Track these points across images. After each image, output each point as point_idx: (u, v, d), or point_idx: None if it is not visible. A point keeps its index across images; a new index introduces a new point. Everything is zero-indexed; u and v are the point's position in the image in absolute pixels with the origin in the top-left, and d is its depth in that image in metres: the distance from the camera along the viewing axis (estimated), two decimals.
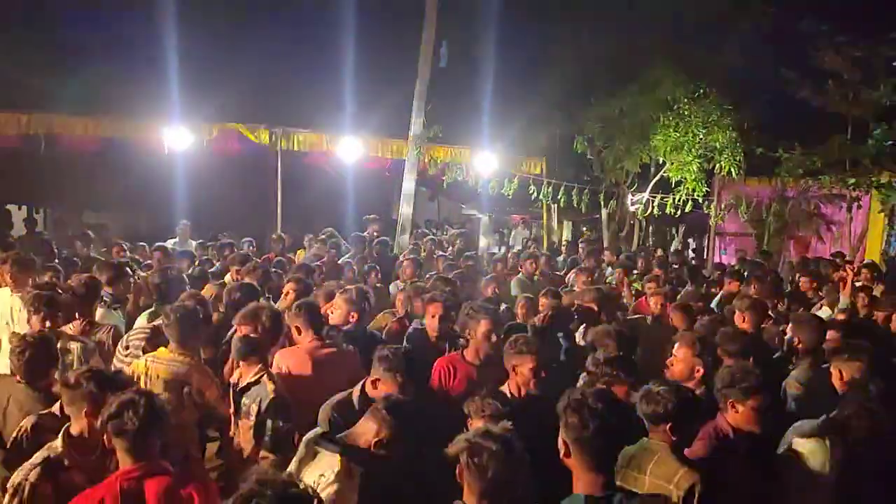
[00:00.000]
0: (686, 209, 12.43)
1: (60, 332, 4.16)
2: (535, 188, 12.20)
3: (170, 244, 9.88)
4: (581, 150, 13.36)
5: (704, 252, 14.75)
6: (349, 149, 11.43)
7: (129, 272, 5.75)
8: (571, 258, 11.07)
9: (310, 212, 12.98)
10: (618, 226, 14.61)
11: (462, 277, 7.43)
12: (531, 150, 13.43)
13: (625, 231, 14.63)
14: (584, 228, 15.67)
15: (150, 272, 6.42)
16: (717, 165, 12.19)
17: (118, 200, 13.43)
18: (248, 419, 3.54)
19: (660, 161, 12.65)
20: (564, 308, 5.20)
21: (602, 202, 12.80)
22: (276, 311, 4.04)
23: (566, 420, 2.45)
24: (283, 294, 5.26)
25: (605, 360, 3.51)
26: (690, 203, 12.37)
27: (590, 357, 3.67)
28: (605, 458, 2.45)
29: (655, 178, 13.05)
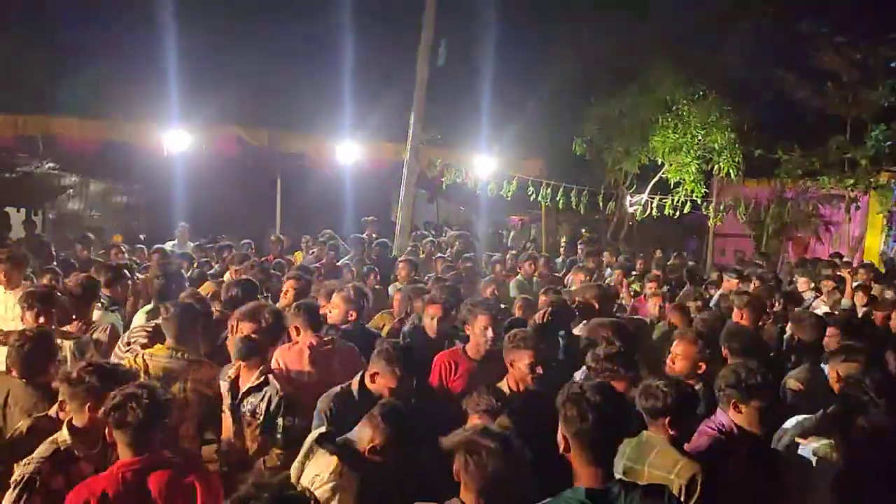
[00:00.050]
0: (685, 210, 12.43)
1: (53, 330, 4.11)
2: (534, 190, 12.20)
3: (168, 246, 9.88)
4: (580, 152, 13.37)
5: (703, 253, 14.74)
6: (347, 152, 11.43)
7: (128, 274, 5.71)
8: (570, 259, 11.06)
9: (308, 213, 12.99)
10: (616, 227, 14.62)
11: (457, 280, 7.42)
12: (530, 152, 13.42)
13: (623, 232, 14.63)
14: (584, 230, 15.64)
15: (150, 273, 6.41)
16: (716, 167, 12.19)
17: (117, 202, 13.44)
18: (255, 419, 3.53)
19: (659, 162, 12.65)
20: (564, 304, 5.18)
21: (601, 203, 12.79)
22: (277, 311, 4.02)
23: (565, 413, 2.43)
24: (283, 292, 5.24)
25: (606, 356, 3.49)
26: (689, 204, 12.36)
27: (589, 353, 3.62)
28: (605, 451, 2.43)
29: (654, 180, 13.05)
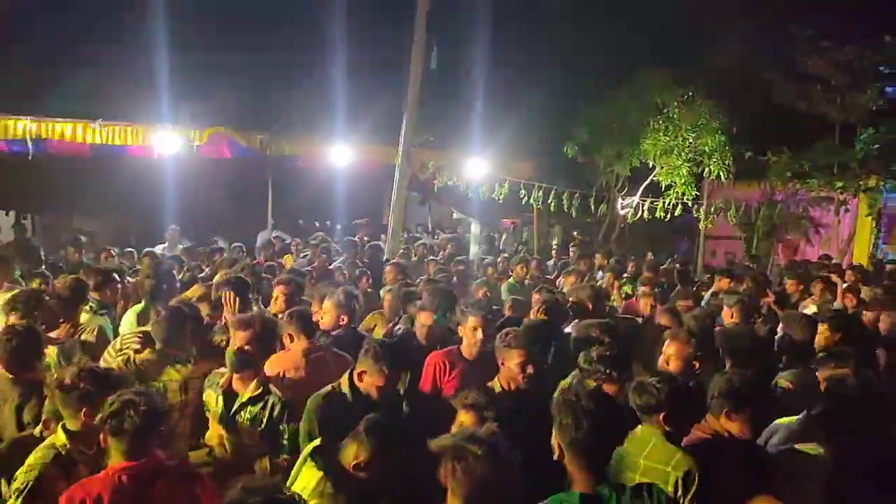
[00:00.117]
0: (676, 213, 12.48)
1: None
2: (526, 192, 12.21)
3: (159, 249, 9.83)
4: (572, 155, 13.41)
5: (694, 255, 14.81)
6: (339, 154, 11.42)
7: (117, 278, 5.66)
8: (562, 262, 11.08)
9: (300, 216, 12.98)
10: (608, 229, 14.65)
11: (448, 280, 7.43)
12: (522, 154, 13.45)
13: (615, 234, 14.67)
14: (576, 232, 15.68)
15: (140, 274, 6.38)
16: (707, 169, 12.24)
17: (107, 205, 13.36)
18: (256, 427, 3.49)
19: (650, 165, 12.70)
20: (558, 303, 5.18)
21: (593, 206, 12.83)
22: (271, 320, 3.95)
23: (560, 421, 2.43)
24: (273, 298, 5.18)
25: (598, 357, 3.46)
26: (680, 207, 12.42)
27: (582, 354, 3.57)
28: (599, 457, 2.44)
29: (646, 182, 13.10)
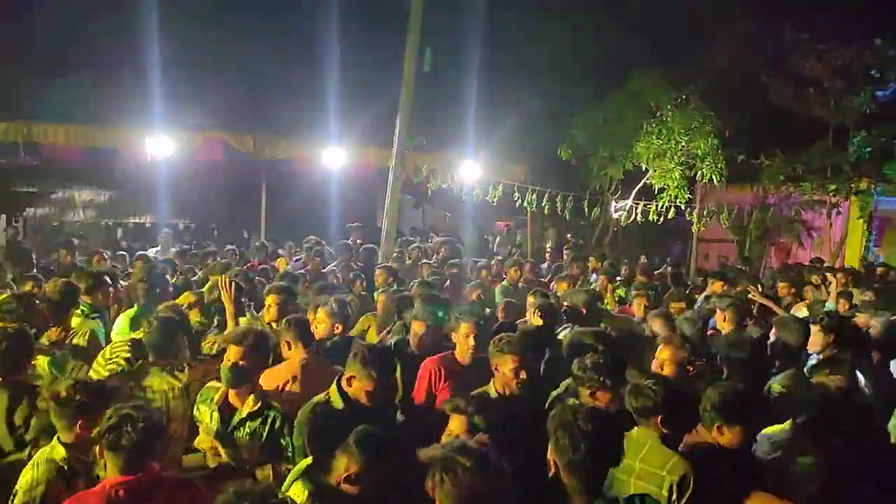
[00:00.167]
0: (669, 216, 12.52)
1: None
2: (520, 195, 12.23)
3: (152, 253, 9.80)
4: (566, 158, 13.43)
5: (687, 258, 14.85)
6: (333, 157, 11.41)
7: (109, 281, 5.62)
8: (556, 265, 11.08)
9: (293, 219, 12.95)
10: (601, 232, 14.69)
11: (441, 283, 7.44)
12: (516, 157, 13.47)
13: (608, 238, 14.71)
14: (569, 235, 15.70)
15: (133, 278, 6.35)
16: (699, 172, 12.28)
17: (100, 209, 13.33)
18: (256, 442, 3.45)
19: (643, 168, 12.73)
20: (553, 308, 5.17)
21: (586, 209, 12.86)
22: (264, 334, 3.87)
23: (557, 441, 2.42)
24: (266, 307, 5.10)
25: (592, 365, 3.39)
26: (673, 210, 12.46)
27: (575, 361, 3.50)
28: (595, 478, 2.43)
29: (639, 185, 13.13)
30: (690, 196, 12.68)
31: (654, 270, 10.35)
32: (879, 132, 12.78)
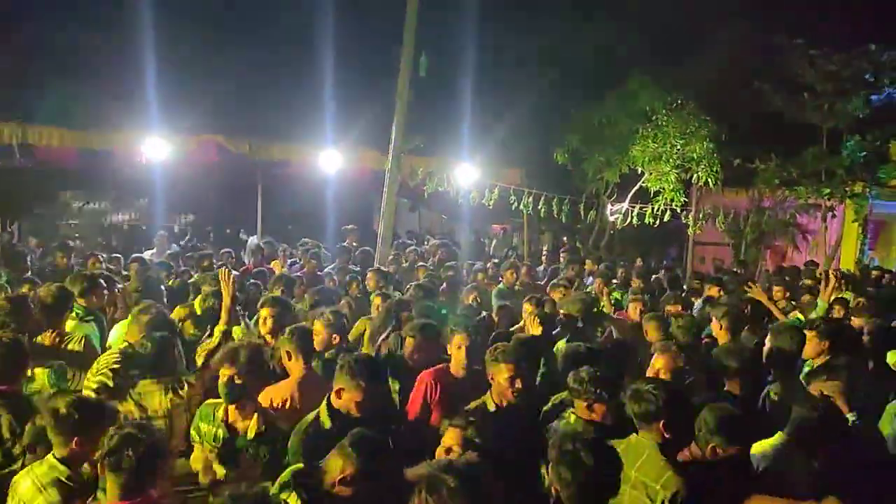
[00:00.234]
0: (665, 219, 12.54)
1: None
2: (516, 198, 12.24)
3: (147, 255, 9.77)
4: (562, 161, 13.44)
5: (683, 261, 14.88)
6: (329, 160, 11.40)
7: (103, 284, 5.60)
8: (552, 268, 11.09)
9: (289, 221, 12.94)
10: (597, 235, 14.70)
11: (437, 286, 7.45)
12: (512, 161, 13.47)
13: (604, 241, 14.72)
14: (565, 238, 15.71)
15: (129, 284, 6.33)
16: (695, 176, 12.31)
17: (95, 212, 13.30)
18: (258, 462, 3.42)
19: (639, 171, 12.75)
20: (550, 318, 5.17)
21: (582, 212, 12.87)
22: (256, 348, 3.74)
23: (558, 473, 2.41)
24: (261, 321, 5.01)
25: (589, 378, 3.33)
26: (669, 213, 12.48)
27: (571, 374, 3.44)
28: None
29: (635, 189, 13.15)
30: (686, 199, 12.69)
31: (651, 273, 10.35)
32: (874, 136, 12.83)
